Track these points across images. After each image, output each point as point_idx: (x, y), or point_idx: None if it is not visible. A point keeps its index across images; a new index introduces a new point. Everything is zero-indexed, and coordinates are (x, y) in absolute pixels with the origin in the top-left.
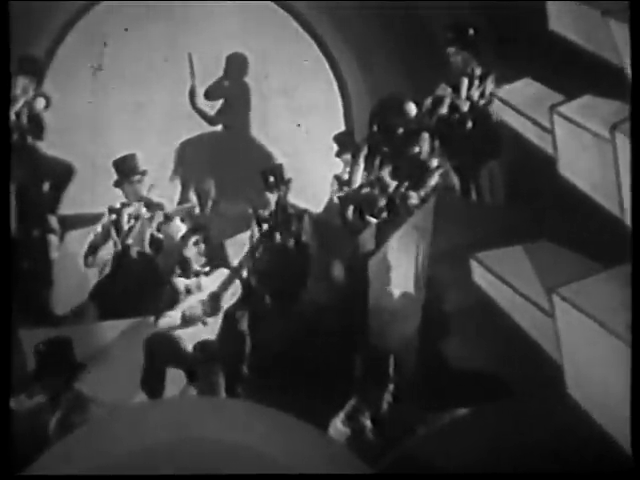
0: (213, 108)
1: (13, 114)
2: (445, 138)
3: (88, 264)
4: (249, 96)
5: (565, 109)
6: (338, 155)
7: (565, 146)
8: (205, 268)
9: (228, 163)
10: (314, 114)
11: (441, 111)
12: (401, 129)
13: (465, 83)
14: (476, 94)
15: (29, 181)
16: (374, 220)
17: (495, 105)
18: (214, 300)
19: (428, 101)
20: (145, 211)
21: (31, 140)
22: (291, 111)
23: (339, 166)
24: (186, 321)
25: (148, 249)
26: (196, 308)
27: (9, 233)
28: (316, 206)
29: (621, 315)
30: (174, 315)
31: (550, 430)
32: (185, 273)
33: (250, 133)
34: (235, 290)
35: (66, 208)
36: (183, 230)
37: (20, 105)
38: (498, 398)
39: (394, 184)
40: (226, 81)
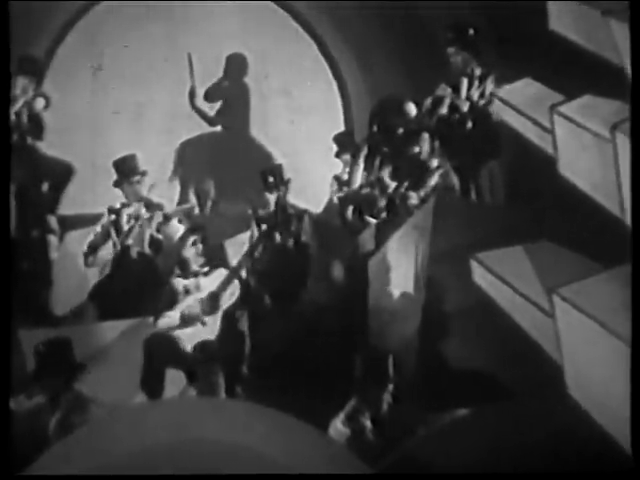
0: (212, 109)
1: (13, 114)
2: (445, 138)
3: (88, 264)
4: (248, 97)
5: (565, 109)
6: (338, 155)
7: (565, 146)
8: (204, 268)
9: (228, 163)
10: (314, 114)
11: (441, 111)
12: (401, 129)
13: (465, 83)
14: (476, 94)
15: (29, 181)
16: (374, 220)
17: (495, 105)
18: (213, 300)
19: (428, 101)
20: (145, 212)
21: (31, 140)
22: (291, 111)
23: (339, 166)
24: (185, 321)
25: (148, 249)
26: (195, 308)
27: (9, 233)
28: (316, 206)
29: (622, 315)
30: (173, 315)
31: (550, 430)
32: (184, 273)
33: (250, 133)
34: (234, 290)
35: (66, 208)
36: (181, 231)
37: (20, 105)
38: (498, 398)
39: (394, 184)
40: (226, 81)
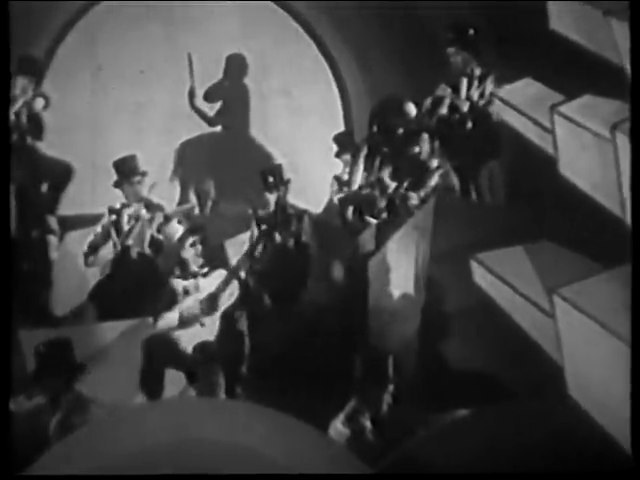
0: (212, 109)
1: (12, 114)
2: (445, 138)
3: (89, 263)
4: (248, 97)
5: (566, 109)
6: (338, 155)
7: (566, 146)
8: (203, 269)
9: (228, 163)
10: (314, 114)
11: (441, 111)
12: (401, 129)
13: (465, 83)
14: (476, 94)
15: (28, 181)
16: (374, 221)
17: (496, 105)
18: (212, 301)
19: (428, 101)
20: (145, 212)
21: (30, 140)
22: (291, 111)
23: (339, 166)
24: (184, 322)
25: (148, 250)
26: (194, 309)
27: (9, 233)
28: (316, 206)
29: (622, 316)
30: (172, 316)
31: (550, 430)
32: (183, 274)
33: (249, 133)
34: (233, 291)
35: (66, 208)
36: (180, 232)
37: (19, 105)
38: (498, 399)
39: (394, 185)
40: (226, 82)
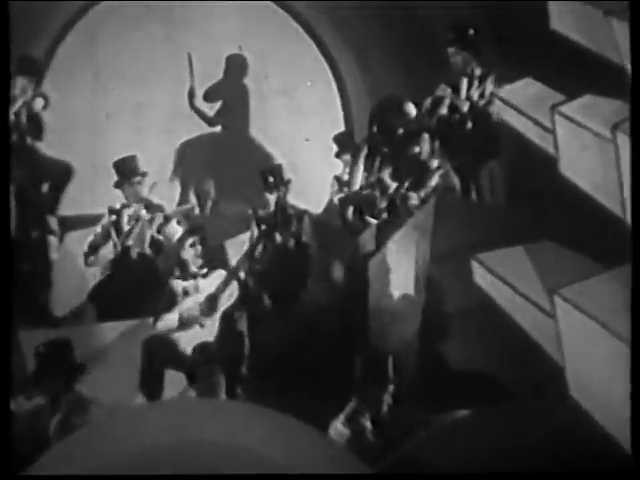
0: (212, 109)
1: (12, 114)
2: (445, 138)
3: (89, 263)
4: (248, 97)
5: (566, 109)
6: (338, 156)
7: (566, 146)
8: (202, 270)
9: (228, 163)
10: (314, 114)
11: (441, 111)
12: (401, 130)
13: (465, 83)
14: (476, 94)
15: (28, 182)
16: (374, 221)
17: (496, 105)
18: (211, 301)
19: (428, 101)
20: (145, 212)
21: (30, 140)
22: (291, 111)
23: (339, 167)
24: (183, 323)
25: (148, 250)
26: (193, 310)
27: (9, 234)
28: (316, 207)
29: (623, 316)
30: (172, 317)
31: (551, 430)
32: (182, 275)
33: (249, 134)
34: (232, 291)
35: (66, 209)
36: (180, 232)
37: (19, 105)
38: (499, 399)
39: (394, 185)
40: (225, 82)
